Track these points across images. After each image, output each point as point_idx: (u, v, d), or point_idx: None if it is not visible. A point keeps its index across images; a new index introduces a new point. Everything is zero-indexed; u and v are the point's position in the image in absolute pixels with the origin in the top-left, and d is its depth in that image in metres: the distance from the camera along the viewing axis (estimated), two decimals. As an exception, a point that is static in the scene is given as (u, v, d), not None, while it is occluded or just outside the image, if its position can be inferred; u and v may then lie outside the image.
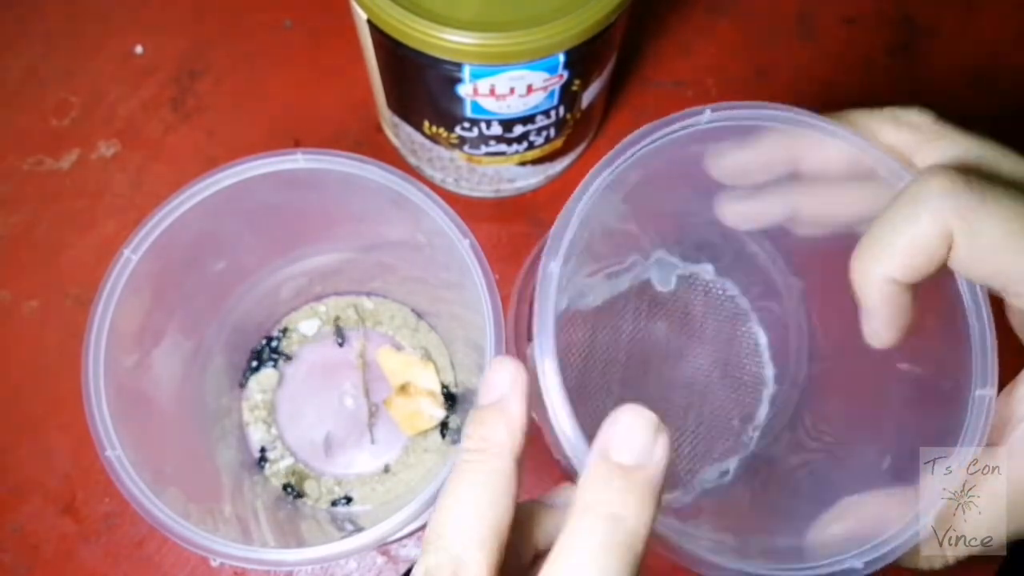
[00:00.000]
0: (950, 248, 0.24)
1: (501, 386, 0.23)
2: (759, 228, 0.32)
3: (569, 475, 0.24)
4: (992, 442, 0.25)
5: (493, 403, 0.22)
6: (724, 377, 0.37)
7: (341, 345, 0.41)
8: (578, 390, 0.38)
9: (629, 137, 0.27)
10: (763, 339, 0.37)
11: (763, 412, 0.36)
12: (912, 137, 0.26)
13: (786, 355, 0.36)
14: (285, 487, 0.39)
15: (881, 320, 0.25)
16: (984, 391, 0.25)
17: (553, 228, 0.26)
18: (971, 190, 0.23)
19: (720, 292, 0.37)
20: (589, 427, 0.37)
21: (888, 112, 0.27)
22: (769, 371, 0.37)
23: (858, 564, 0.24)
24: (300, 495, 0.39)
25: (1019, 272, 0.23)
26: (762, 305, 0.37)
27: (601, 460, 0.21)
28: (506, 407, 0.22)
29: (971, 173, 0.24)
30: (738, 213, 0.31)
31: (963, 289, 0.25)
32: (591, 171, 0.27)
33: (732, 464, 0.36)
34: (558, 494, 0.25)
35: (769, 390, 0.37)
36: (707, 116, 0.26)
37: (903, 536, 0.24)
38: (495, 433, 0.22)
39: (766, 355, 0.37)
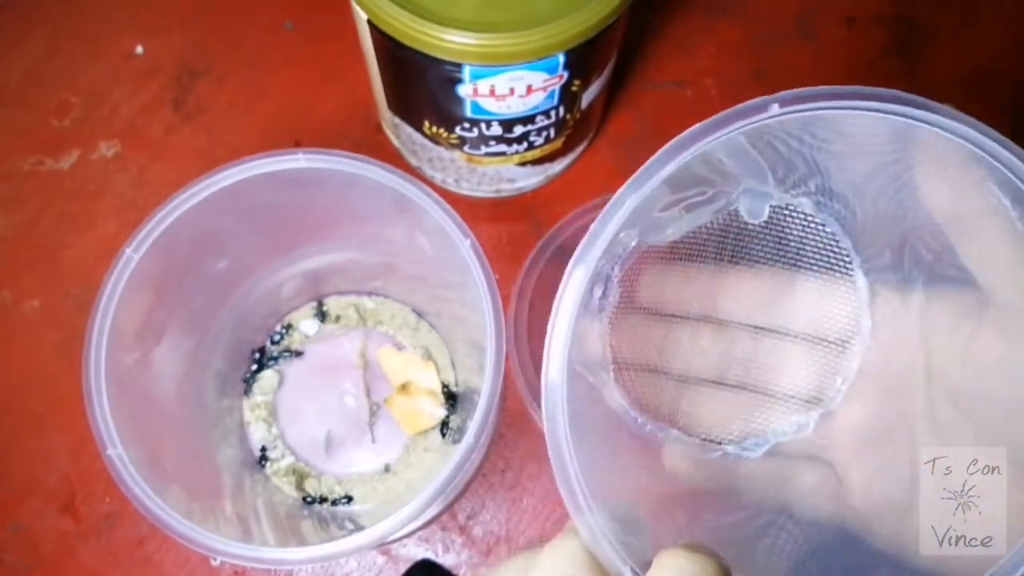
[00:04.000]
0: None
1: None
2: None
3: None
4: None
5: None
6: (816, 322, 0.33)
7: (323, 317, 0.42)
8: (647, 331, 0.34)
9: (677, 139, 0.23)
10: (863, 286, 0.32)
11: (854, 366, 0.32)
12: None
13: (887, 306, 0.32)
14: (305, 499, 0.39)
15: None
16: None
17: (592, 226, 0.23)
18: None
19: (818, 228, 0.32)
20: (653, 372, 0.32)
21: None
22: (866, 322, 0.32)
23: None
24: (314, 500, 0.39)
25: None
26: (865, 250, 0.32)
27: None
28: None
29: None
30: None
31: None
32: (643, 168, 0.23)
33: (813, 418, 0.32)
34: None
35: (864, 342, 0.32)
36: (775, 110, 0.23)
37: None
38: None
39: (864, 305, 0.32)
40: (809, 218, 0.32)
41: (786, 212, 0.32)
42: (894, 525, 0.26)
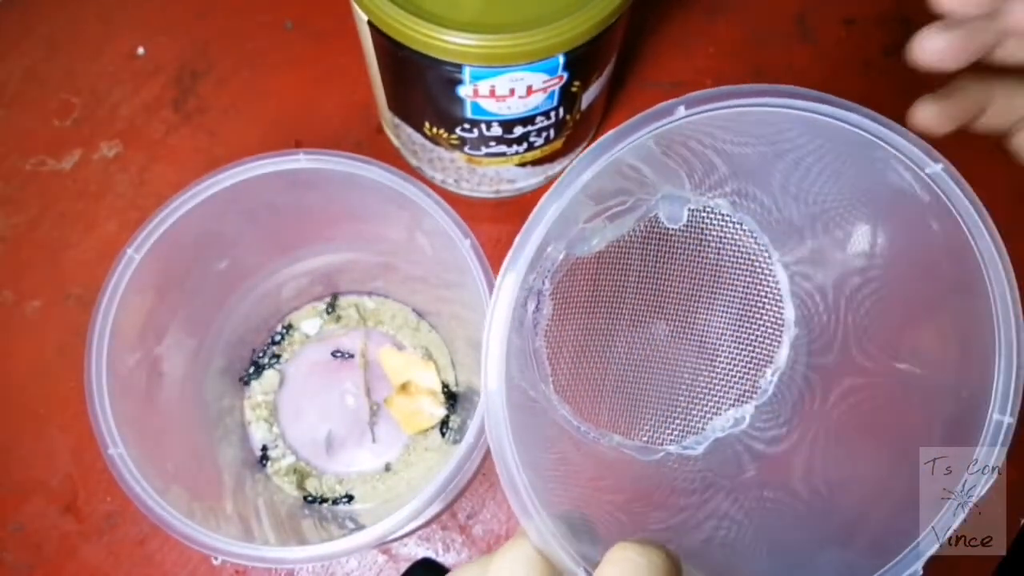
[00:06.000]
0: None
1: None
2: (959, 67, 0.29)
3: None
4: None
5: None
6: (742, 318, 0.34)
7: (332, 311, 0.42)
8: (582, 342, 0.35)
9: (599, 142, 0.24)
10: (783, 278, 0.34)
11: (783, 356, 0.34)
12: None
13: (809, 297, 0.34)
14: (305, 498, 0.39)
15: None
16: (1003, 417, 0.23)
17: (518, 237, 0.25)
18: None
19: (736, 228, 0.34)
20: (592, 381, 0.34)
21: None
22: (790, 313, 0.34)
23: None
24: (315, 500, 0.39)
25: None
26: (783, 243, 0.34)
27: None
28: None
29: None
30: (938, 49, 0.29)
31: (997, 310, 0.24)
32: (559, 181, 0.24)
33: (748, 411, 0.34)
34: None
35: (790, 332, 0.34)
36: (681, 112, 0.24)
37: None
38: None
39: (787, 295, 0.34)
40: (727, 217, 0.34)
41: (704, 214, 0.34)
42: None
